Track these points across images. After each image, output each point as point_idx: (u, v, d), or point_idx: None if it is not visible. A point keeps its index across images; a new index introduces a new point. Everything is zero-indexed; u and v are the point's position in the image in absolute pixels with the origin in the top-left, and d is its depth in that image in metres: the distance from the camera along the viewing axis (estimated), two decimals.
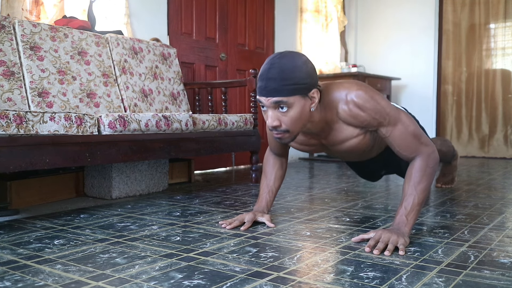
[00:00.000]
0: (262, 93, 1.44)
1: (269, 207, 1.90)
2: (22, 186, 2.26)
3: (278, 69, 1.41)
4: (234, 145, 2.89)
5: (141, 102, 2.87)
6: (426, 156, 1.55)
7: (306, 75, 1.42)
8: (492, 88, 4.98)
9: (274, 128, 1.46)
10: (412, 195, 1.53)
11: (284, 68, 1.41)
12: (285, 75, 1.40)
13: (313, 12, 5.02)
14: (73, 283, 1.17)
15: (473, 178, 3.27)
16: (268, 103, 1.43)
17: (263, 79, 1.43)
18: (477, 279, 1.19)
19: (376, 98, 1.53)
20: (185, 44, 3.61)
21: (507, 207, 2.17)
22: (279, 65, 1.41)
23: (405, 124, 1.55)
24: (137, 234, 1.69)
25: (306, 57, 1.48)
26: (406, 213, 1.52)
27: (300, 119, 1.46)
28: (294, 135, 1.50)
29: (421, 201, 1.53)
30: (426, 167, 1.54)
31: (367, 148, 1.69)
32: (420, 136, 1.56)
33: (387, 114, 1.53)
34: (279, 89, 1.40)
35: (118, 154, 2.15)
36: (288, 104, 1.42)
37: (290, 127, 1.46)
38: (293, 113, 1.44)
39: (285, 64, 1.41)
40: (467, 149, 5.09)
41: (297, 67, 1.41)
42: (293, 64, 1.42)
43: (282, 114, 1.44)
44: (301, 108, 1.44)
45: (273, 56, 1.45)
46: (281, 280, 1.18)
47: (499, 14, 4.91)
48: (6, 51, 2.29)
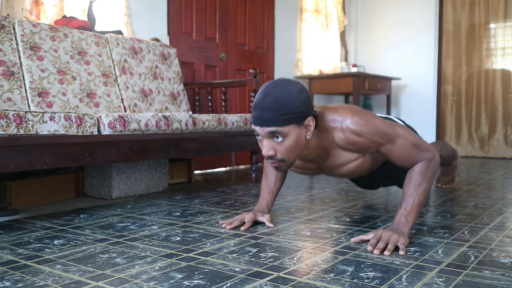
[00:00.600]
0: (257, 123, 1.42)
1: (269, 208, 1.90)
2: (22, 186, 2.26)
3: (272, 98, 1.39)
4: (234, 145, 2.89)
5: (141, 102, 2.87)
6: (428, 161, 1.56)
7: (301, 104, 1.40)
8: (492, 88, 4.98)
9: (269, 158, 1.45)
10: (412, 196, 1.53)
11: (279, 97, 1.39)
12: (279, 105, 1.38)
13: (313, 12, 5.02)
14: (73, 283, 1.17)
15: (473, 178, 3.27)
16: (263, 133, 1.42)
17: (258, 109, 1.41)
18: (477, 279, 1.19)
19: (372, 121, 1.52)
20: (185, 44, 3.61)
21: (507, 207, 2.17)
22: (273, 95, 1.39)
23: (403, 137, 1.55)
24: (137, 234, 1.69)
25: (301, 84, 1.46)
26: (406, 214, 1.52)
27: (296, 148, 1.45)
28: (290, 163, 1.49)
29: (420, 202, 1.54)
30: (427, 170, 1.55)
31: (365, 169, 1.68)
32: (419, 145, 1.57)
33: (385, 134, 1.53)
34: (274, 119, 1.39)
35: (118, 154, 2.15)
36: (283, 134, 1.41)
37: (286, 156, 1.45)
38: (288, 142, 1.43)
39: (280, 93, 1.40)
40: (467, 149, 5.09)
41: (291, 97, 1.40)
42: (287, 93, 1.40)
43: (277, 143, 1.43)
44: (297, 137, 1.43)
45: (267, 85, 1.43)
46: (281, 280, 1.18)
47: (499, 14, 4.91)
48: (6, 51, 2.29)
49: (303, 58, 4.92)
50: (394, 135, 1.54)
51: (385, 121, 1.57)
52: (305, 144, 1.49)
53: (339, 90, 4.68)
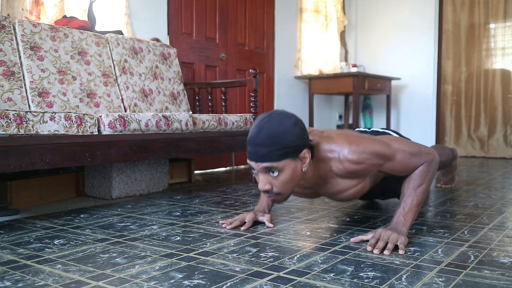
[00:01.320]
0: (252, 158, 1.42)
1: (270, 208, 1.90)
2: (22, 186, 2.26)
3: (266, 133, 1.38)
4: (234, 145, 2.89)
5: (141, 102, 2.87)
6: (428, 163, 1.57)
7: (295, 137, 1.39)
8: (492, 88, 4.98)
9: (265, 192, 1.45)
10: (410, 196, 1.54)
11: (272, 132, 1.37)
12: (273, 140, 1.37)
13: (313, 12, 5.02)
14: (73, 283, 1.17)
15: (473, 178, 3.27)
16: (258, 168, 1.42)
17: (252, 145, 1.40)
18: (477, 279, 1.19)
19: (368, 146, 1.51)
20: (185, 44, 3.61)
21: (507, 207, 2.17)
22: (267, 130, 1.38)
23: (401, 151, 1.54)
24: (137, 234, 1.69)
25: (295, 117, 1.44)
26: (404, 214, 1.53)
27: (292, 181, 1.45)
28: (287, 196, 1.49)
29: (419, 203, 1.55)
30: (427, 172, 1.56)
31: (366, 191, 1.67)
32: (418, 153, 1.56)
33: (383, 155, 1.52)
34: (269, 155, 1.38)
35: (118, 154, 2.15)
36: (278, 168, 1.40)
37: (282, 190, 1.45)
38: (284, 176, 1.42)
39: (273, 128, 1.38)
40: (466, 149, 5.09)
41: (285, 131, 1.38)
42: (281, 127, 1.38)
43: (273, 178, 1.42)
44: (292, 171, 1.42)
45: (261, 119, 1.42)
46: (281, 280, 1.18)
47: (499, 14, 4.91)
48: (6, 51, 2.29)
49: (303, 58, 4.92)
50: (392, 153, 1.53)
51: (381, 141, 1.55)
52: (302, 175, 1.48)
53: (339, 90, 4.68)
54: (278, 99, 4.61)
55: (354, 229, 1.75)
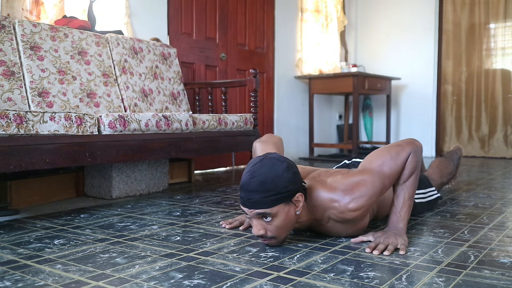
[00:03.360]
0: (245, 205, 1.40)
1: None
2: (22, 186, 2.26)
3: (258, 181, 1.37)
4: (234, 145, 2.89)
5: (141, 102, 2.87)
6: (412, 153, 1.55)
7: (287, 183, 1.38)
8: (492, 88, 4.98)
9: (260, 237, 1.44)
10: (402, 192, 1.55)
11: (265, 179, 1.37)
12: (266, 186, 1.36)
13: (313, 12, 5.02)
14: (73, 283, 1.17)
15: (473, 178, 3.27)
16: (252, 214, 1.40)
17: (245, 191, 1.39)
18: (477, 279, 1.19)
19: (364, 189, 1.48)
20: (185, 44, 3.61)
21: (507, 207, 2.17)
22: (259, 176, 1.37)
23: (384, 164, 1.52)
24: (137, 234, 1.69)
25: (288, 161, 1.43)
26: (399, 210, 1.55)
27: (286, 226, 1.43)
28: (281, 240, 1.47)
29: (411, 195, 1.55)
30: (412, 163, 1.54)
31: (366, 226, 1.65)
32: (399, 150, 1.54)
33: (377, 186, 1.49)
34: (262, 202, 1.37)
35: (118, 154, 2.15)
36: (272, 214, 1.38)
37: (276, 234, 1.43)
38: (278, 221, 1.40)
39: (265, 174, 1.38)
40: (467, 149, 5.09)
41: (277, 176, 1.38)
42: (273, 173, 1.38)
43: (267, 223, 1.41)
44: (286, 215, 1.41)
45: (253, 163, 1.41)
46: (281, 280, 1.18)
47: (499, 14, 4.91)
48: (6, 51, 2.29)
49: (303, 58, 4.92)
50: (382, 175, 1.50)
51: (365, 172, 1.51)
52: (296, 219, 1.46)
53: (339, 90, 4.68)
54: (278, 99, 4.61)
55: None
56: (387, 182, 1.52)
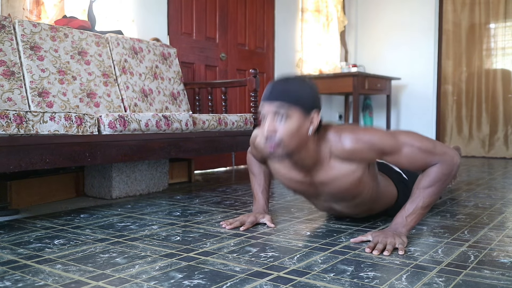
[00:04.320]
0: (265, 98, 1.44)
1: (267, 207, 1.90)
2: (22, 186, 2.26)
3: (285, 82, 1.44)
4: (234, 145, 2.89)
5: (141, 102, 2.87)
6: (442, 163, 1.49)
7: (309, 95, 1.44)
8: (493, 88, 4.98)
9: (268, 139, 1.43)
10: (418, 198, 1.49)
11: (291, 82, 1.45)
12: (291, 86, 1.43)
13: (313, 12, 5.02)
14: (73, 283, 1.17)
15: (473, 178, 3.27)
16: (269, 109, 1.42)
17: (269, 87, 1.45)
18: (477, 279, 1.19)
19: (370, 130, 1.52)
20: (185, 44, 3.61)
21: (507, 207, 2.17)
22: (286, 80, 1.45)
23: (409, 145, 1.49)
24: (137, 234, 1.69)
25: (313, 83, 1.51)
26: (407, 215, 1.50)
27: (296, 135, 1.42)
28: (286, 150, 1.44)
29: (426, 205, 1.49)
30: (440, 173, 1.48)
31: (358, 192, 1.61)
32: (431, 149, 1.49)
33: (384, 142, 1.48)
34: (284, 95, 1.41)
35: (118, 154, 2.15)
36: (287, 114, 1.40)
37: (285, 139, 1.41)
38: (290, 125, 1.41)
39: (293, 80, 1.46)
40: (467, 149, 5.09)
41: (303, 85, 1.45)
42: (300, 82, 1.46)
43: (279, 124, 1.42)
44: (299, 124, 1.42)
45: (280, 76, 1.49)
46: (281, 280, 1.18)
47: (499, 14, 4.91)
48: (6, 51, 2.29)
49: (304, 58, 4.92)
50: (398, 144, 1.49)
51: (387, 132, 1.53)
52: (305, 140, 1.46)
53: (339, 90, 4.68)
54: None
55: (354, 229, 1.75)
56: (393, 158, 1.50)
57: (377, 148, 1.48)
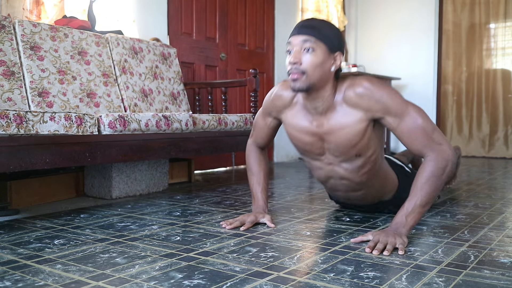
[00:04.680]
0: (294, 33, 1.54)
1: (267, 206, 1.90)
2: (22, 186, 2.26)
3: (314, 20, 1.57)
4: (234, 145, 2.89)
5: (141, 102, 2.87)
6: (437, 156, 1.49)
7: (335, 36, 1.55)
8: (493, 88, 4.98)
9: (293, 65, 1.51)
10: (416, 196, 1.49)
11: (320, 21, 1.57)
12: (320, 24, 1.54)
13: (314, 11, 5.02)
14: (73, 283, 1.17)
15: (473, 178, 3.27)
16: (298, 41, 1.52)
17: (298, 24, 1.56)
18: (477, 279, 1.19)
19: (385, 86, 1.57)
20: (185, 44, 3.61)
21: (507, 207, 2.17)
22: (315, 19, 1.58)
23: (413, 117, 1.52)
24: (137, 234, 1.69)
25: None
26: (407, 214, 1.50)
27: (320, 68, 1.52)
28: (309, 81, 1.52)
29: (424, 203, 1.49)
30: (434, 167, 1.48)
31: (362, 148, 1.63)
32: (430, 133, 1.51)
33: (393, 101, 1.53)
34: (312, 30, 1.51)
35: (118, 154, 2.15)
36: (314, 46, 1.50)
37: (308, 69, 1.50)
38: (315, 58, 1.51)
39: (321, 20, 1.58)
40: (467, 149, 5.09)
41: (331, 26, 1.57)
42: (328, 23, 1.58)
43: (305, 55, 1.51)
44: (323, 59, 1.52)
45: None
46: (281, 280, 1.18)
47: (499, 14, 4.91)
48: (6, 51, 2.29)
49: None
50: (404, 110, 1.53)
51: (400, 96, 1.58)
52: (327, 76, 1.55)
53: None
54: None
55: (354, 229, 1.75)
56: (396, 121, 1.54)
57: (385, 103, 1.53)
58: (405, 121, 1.53)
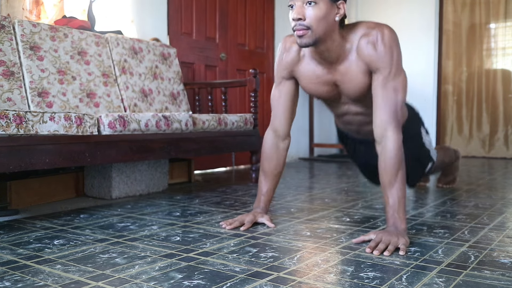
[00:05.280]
0: None
1: (268, 207, 1.89)
2: (22, 186, 2.26)
3: None
4: (234, 145, 2.89)
5: (141, 102, 2.87)
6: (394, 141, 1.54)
7: None
8: (493, 88, 4.98)
9: (297, 22, 1.50)
10: (394, 189, 1.52)
11: None
12: None
13: None
14: (73, 283, 1.17)
15: (473, 178, 3.27)
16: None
17: None
18: (477, 279, 1.19)
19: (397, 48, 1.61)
20: (185, 44, 3.61)
21: (507, 207, 2.17)
22: None
23: (396, 90, 1.57)
24: (137, 234, 1.69)
25: None
26: (396, 211, 1.52)
27: (324, 20, 1.49)
28: (314, 36, 1.51)
29: (404, 192, 1.53)
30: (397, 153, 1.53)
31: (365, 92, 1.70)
32: (397, 113, 1.57)
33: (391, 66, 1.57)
34: None
35: (118, 154, 2.15)
36: (315, 0, 1.47)
37: (313, 24, 1.49)
38: (318, 11, 1.48)
39: None
40: (467, 149, 5.09)
41: None
42: None
43: (308, 10, 1.48)
44: (327, 10, 1.49)
45: None
46: (281, 280, 1.18)
47: (500, 14, 4.91)
48: (6, 51, 2.29)
49: None
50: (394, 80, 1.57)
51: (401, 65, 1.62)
52: (332, 26, 1.53)
53: None
54: None
55: (354, 229, 1.75)
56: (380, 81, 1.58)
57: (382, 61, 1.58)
58: (388, 87, 1.57)
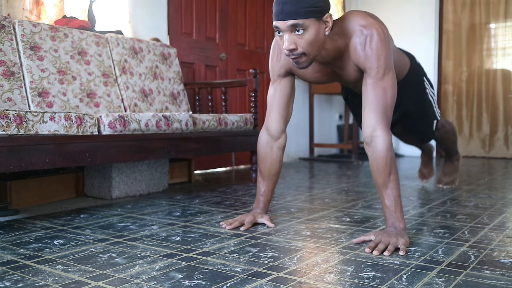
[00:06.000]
0: (279, 18, 1.47)
1: (267, 207, 1.89)
2: (22, 186, 2.26)
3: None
4: (234, 145, 2.89)
5: (141, 102, 2.87)
6: (384, 141, 1.54)
7: (319, 1, 1.47)
8: (493, 88, 4.98)
9: (290, 52, 1.50)
10: (390, 189, 1.53)
11: None
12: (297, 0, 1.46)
13: None
14: (73, 283, 1.17)
15: (473, 178, 3.27)
16: (285, 27, 1.47)
17: (279, 3, 1.47)
18: (478, 279, 1.19)
19: (385, 49, 1.56)
20: (185, 44, 3.61)
21: (507, 207, 2.17)
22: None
23: (385, 90, 1.56)
24: (137, 234, 1.69)
25: None
26: (394, 211, 1.53)
27: (316, 42, 1.50)
28: (310, 58, 1.53)
29: (399, 191, 1.55)
30: (388, 155, 1.54)
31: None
32: (386, 113, 1.57)
33: (379, 67, 1.55)
34: (295, 12, 1.44)
35: (118, 154, 2.15)
36: (304, 26, 1.46)
37: (306, 49, 1.50)
38: (308, 35, 1.48)
39: None
40: (467, 149, 5.09)
41: None
42: None
43: (298, 37, 1.48)
44: (316, 31, 1.48)
45: None
46: (281, 280, 1.18)
47: (500, 14, 4.91)
48: (6, 51, 2.29)
49: None
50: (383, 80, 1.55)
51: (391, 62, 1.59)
52: (324, 41, 1.53)
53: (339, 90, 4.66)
54: None
55: (354, 229, 1.75)
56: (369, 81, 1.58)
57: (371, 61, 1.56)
58: (377, 87, 1.56)
